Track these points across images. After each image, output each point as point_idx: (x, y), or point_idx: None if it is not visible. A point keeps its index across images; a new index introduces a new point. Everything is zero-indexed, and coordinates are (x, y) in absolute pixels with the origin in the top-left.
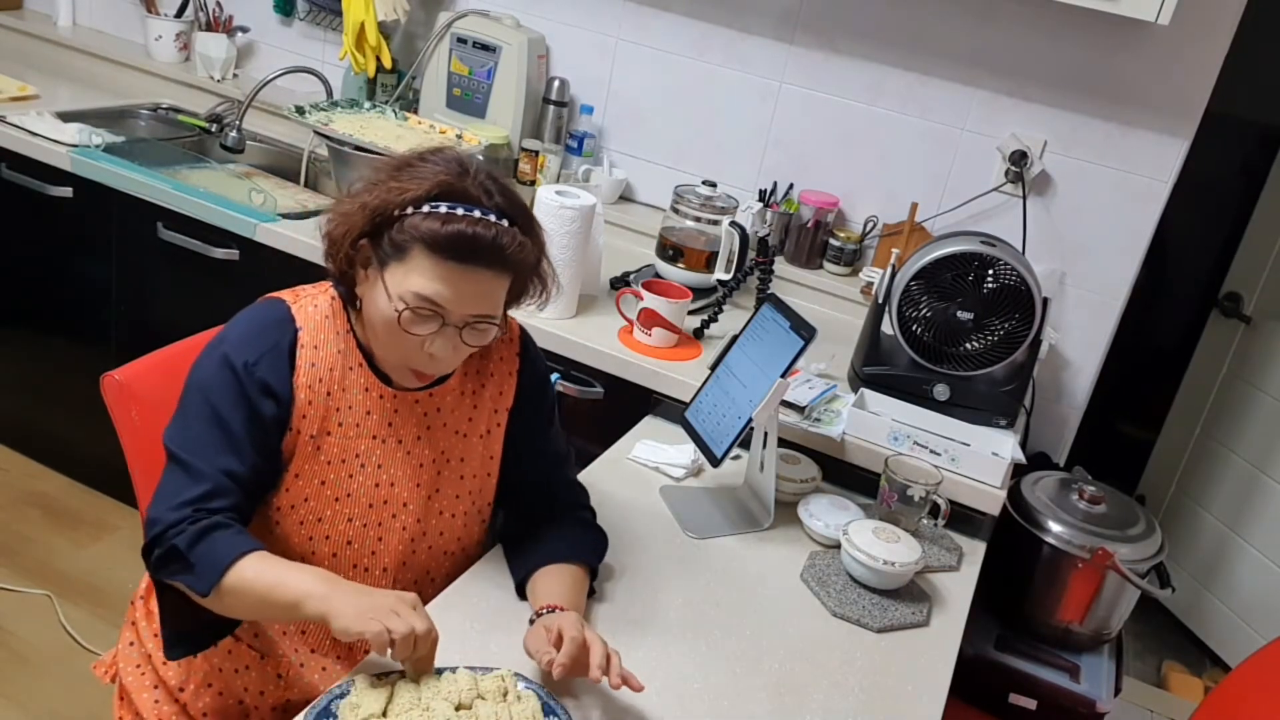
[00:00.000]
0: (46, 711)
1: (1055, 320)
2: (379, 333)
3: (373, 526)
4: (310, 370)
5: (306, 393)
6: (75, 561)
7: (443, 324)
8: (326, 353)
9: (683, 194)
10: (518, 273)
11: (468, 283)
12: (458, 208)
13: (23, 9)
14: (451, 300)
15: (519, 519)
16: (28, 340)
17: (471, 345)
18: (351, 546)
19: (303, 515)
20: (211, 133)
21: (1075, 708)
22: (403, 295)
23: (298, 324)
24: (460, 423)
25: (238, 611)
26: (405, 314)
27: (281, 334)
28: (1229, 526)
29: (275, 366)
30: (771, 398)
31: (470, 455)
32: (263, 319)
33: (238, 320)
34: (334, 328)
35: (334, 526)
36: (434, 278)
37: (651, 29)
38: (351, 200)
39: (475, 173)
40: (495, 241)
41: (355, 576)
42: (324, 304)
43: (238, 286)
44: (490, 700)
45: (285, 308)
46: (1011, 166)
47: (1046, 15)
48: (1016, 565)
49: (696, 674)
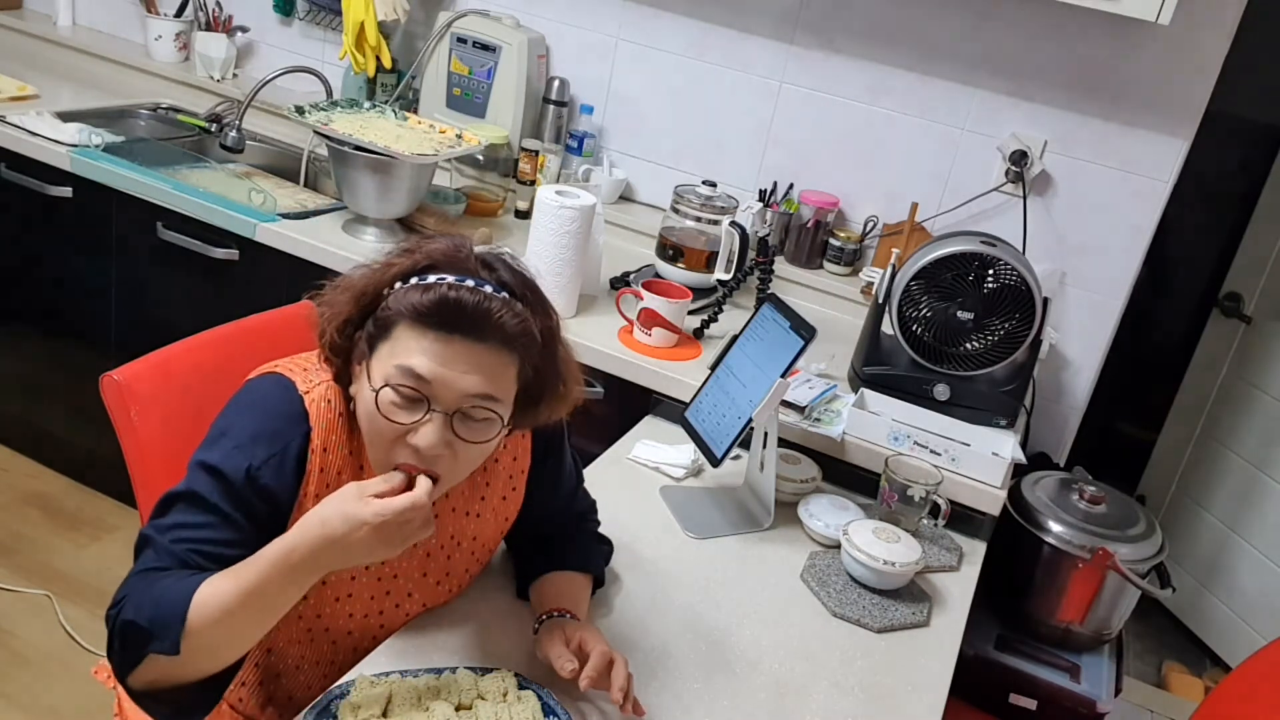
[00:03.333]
0: (46, 711)
1: (1055, 320)
2: (365, 432)
3: (374, 616)
4: (319, 476)
5: (313, 502)
6: (75, 561)
7: (429, 409)
8: (336, 456)
9: (683, 194)
10: (524, 353)
11: (457, 356)
12: (446, 277)
13: (23, 9)
14: (437, 376)
15: (530, 540)
16: (28, 340)
17: (469, 440)
18: (352, 635)
19: (301, 610)
20: (211, 133)
21: (1075, 708)
22: (384, 374)
23: (310, 422)
24: (471, 504)
25: (220, 648)
26: (384, 393)
27: (291, 435)
28: (1229, 526)
29: (280, 474)
30: (771, 398)
31: (483, 532)
32: (274, 412)
33: (245, 403)
34: (345, 427)
35: (334, 621)
36: (416, 350)
37: (651, 29)
38: (341, 288)
39: (473, 250)
40: (486, 308)
41: (357, 657)
42: (336, 399)
43: (238, 286)
44: (490, 700)
45: (299, 401)
46: (1012, 166)
47: (1047, 15)
48: (1017, 565)
49: (696, 674)
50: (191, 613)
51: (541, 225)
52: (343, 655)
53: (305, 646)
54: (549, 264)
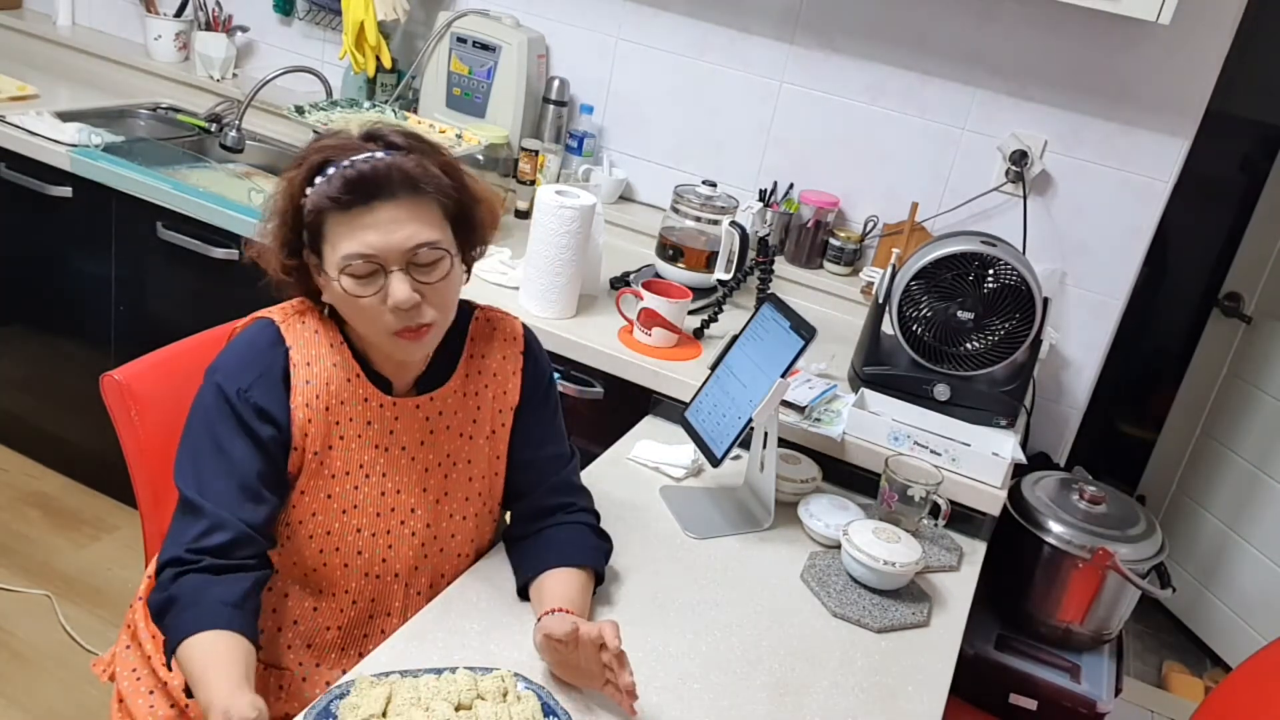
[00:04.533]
0: (46, 711)
1: (1055, 320)
2: (351, 320)
3: (382, 535)
4: (306, 389)
5: (305, 411)
6: (75, 561)
7: (386, 273)
8: (321, 368)
9: (683, 194)
10: (435, 191)
11: (383, 220)
12: (342, 162)
13: (23, 9)
14: (376, 245)
15: (523, 520)
16: (28, 340)
17: (432, 282)
18: (362, 556)
19: (311, 529)
20: (211, 132)
21: (1075, 708)
22: (337, 265)
23: (288, 343)
24: (464, 425)
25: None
26: (346, 283)
27: (273, 357)
28: (1229, 526)
29: (269, 390)
30: (771, 398)
31: (477, 456)
32: (252, 343)
33: (229, 345)
34: (326, 340)
35: (343, 538)
36: (350, 233)
37: (651, 29)
38: (265, 223)
39: (353, 132)
40: (385, 170)
41: (368, 584)
42: (312, 319)
43: (238, 286)
44: (490, 700)
45: (274, 329)
46: (1012, 166)
47: (1047, 15)
48: (1017, 565)
49: (696, 674)
50: (179, 652)
51: (541, 225)
52: (355, 580)
53: (321, 577)
54: (549, 264)
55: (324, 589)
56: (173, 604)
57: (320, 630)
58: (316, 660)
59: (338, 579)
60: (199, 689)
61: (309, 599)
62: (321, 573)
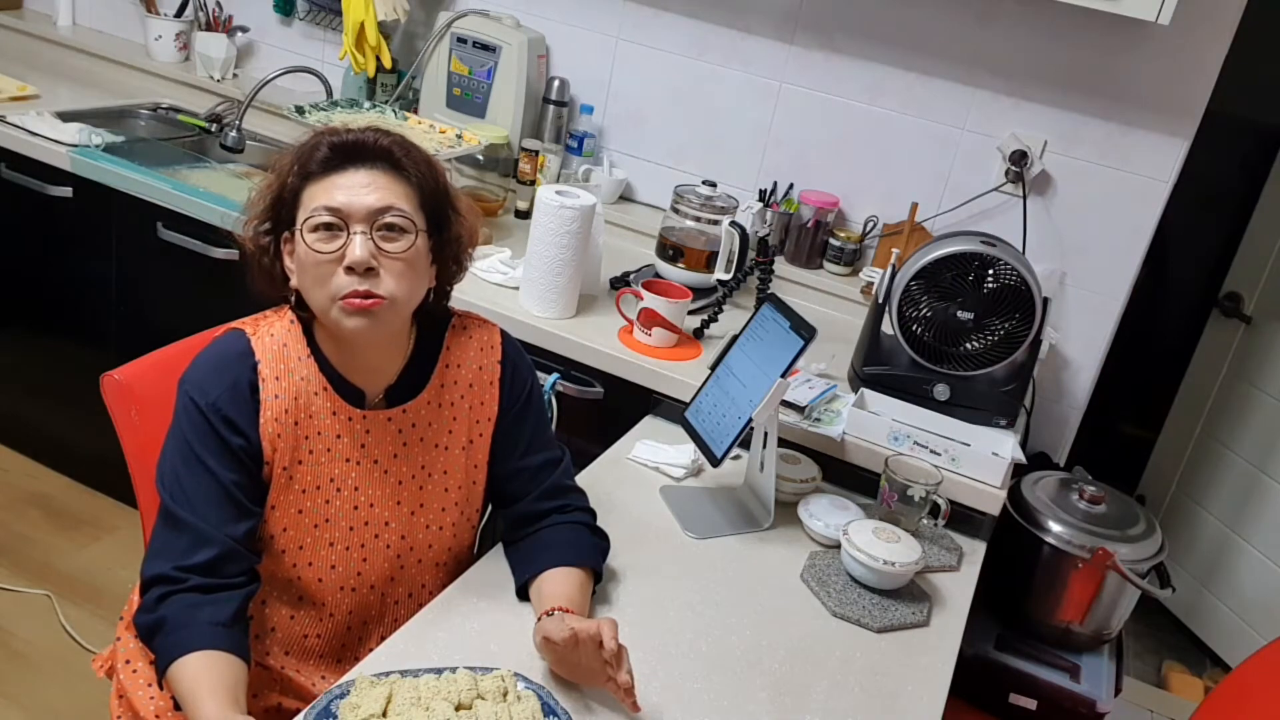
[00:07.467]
0: (46, 711)
1: (1055, 320)
2: (307, 292)
3: (355, 549)
4: (275, 402)
5: (274, 425)
6: (75, 561)
7: (349, 232)
8: (289, 381)
9: (683, 194)
10: (412, 171)
11: (357, 181)
12: (332, 139)
13: (23, 9)
14: (344, 203)
15: (518, 525)
16: (27, 340)
17: (392, 253)
18: (336, 570)
19: (284, 544)
20: (211, 132)
21: (1075, 708)
22: (302, 224)
23: (256, 356)
24: (439, 436)
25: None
26: (309, 237)
27: (240, 369)
28: (1229, 526)
29: (236, 402)
30: (771, 398)
31: (453, 467)
32: (221, 354)
33: (199, 356)
34: (294, 354)
35: (316, 553)
36: (323, 191)
37: (651, 29)
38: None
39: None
40: (365, 141)
41: (344, 598)
42: (280, 331)
43: (238, 286)
44: (490, 700)
45: (245, 341)
46: (1012, 166)
47: (1047, 15)
48: (1016, 565)
49: (696, 674)
50: (170, 673)
51: (541, 225)
52: (330, 594)
53: (297, 590)
54: (549, 264)
55: (301, 599)
56: (162, 625)
57: (298, 638)
58: (297, 667)
59: (313, 591)
60: (190, 710)
61: (285, 608)
62: (297, 585)
